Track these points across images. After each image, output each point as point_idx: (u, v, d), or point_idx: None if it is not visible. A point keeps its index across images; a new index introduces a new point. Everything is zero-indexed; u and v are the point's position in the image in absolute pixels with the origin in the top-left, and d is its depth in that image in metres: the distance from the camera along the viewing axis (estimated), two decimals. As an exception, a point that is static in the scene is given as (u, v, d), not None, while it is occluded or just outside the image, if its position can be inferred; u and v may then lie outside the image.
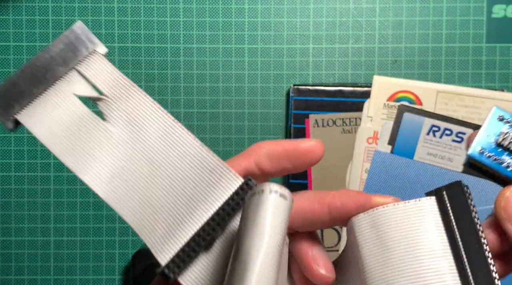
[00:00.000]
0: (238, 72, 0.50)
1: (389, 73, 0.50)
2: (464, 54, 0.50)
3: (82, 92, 0.22)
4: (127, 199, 0.21)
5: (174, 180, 0.22)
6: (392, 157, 0.47)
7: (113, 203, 0.22)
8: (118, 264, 0.51)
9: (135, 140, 0.22)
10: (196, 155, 0.22)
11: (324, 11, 0.51)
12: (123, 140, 0.22)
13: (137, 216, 0.21)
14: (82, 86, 0.22)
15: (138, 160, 0.22)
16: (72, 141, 0.22)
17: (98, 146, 0.22)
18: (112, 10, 0.50)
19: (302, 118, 0.48)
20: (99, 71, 0.23)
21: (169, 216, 0.21)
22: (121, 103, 0.22)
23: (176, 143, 0.22)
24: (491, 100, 0.47)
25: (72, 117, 0.22)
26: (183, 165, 0.22)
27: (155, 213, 0.21)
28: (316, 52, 0.50)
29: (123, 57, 0.50)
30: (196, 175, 0.21)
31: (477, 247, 0.20)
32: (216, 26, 0.50)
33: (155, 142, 0.22)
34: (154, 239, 0.21)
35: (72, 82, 0.22)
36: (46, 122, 0.22)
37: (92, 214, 0.50)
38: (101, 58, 0.23)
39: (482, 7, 0.50)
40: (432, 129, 0.46)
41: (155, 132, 0.22)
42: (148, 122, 0.22)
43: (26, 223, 0.50)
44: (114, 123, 0.22)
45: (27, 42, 0.50)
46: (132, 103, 0.22)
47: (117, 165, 0.22)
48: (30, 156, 0.50)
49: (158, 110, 0.22)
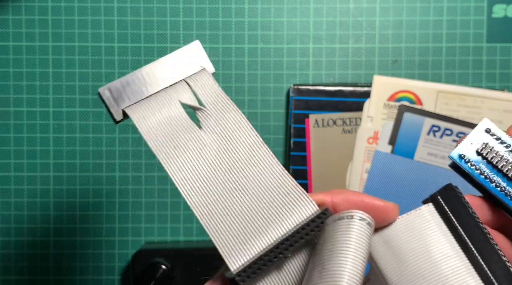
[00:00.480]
0: (238, 72, 0.50)
1: (389, 73, 0.50)
2: (465, 54, 0.50)
3: (186, 100, 0.25)
4: (205, 202, 0.23)
5: (254, 194, 0.23)
6: (392, 157, 0.47)
7: (192, 203, 0.23)
8: (117, 264, 0.50)
9: (224, 151, 0.24)
10: (277, 176, 0.23)
11: (324, 10, 0.50)
12: (213, 149, 0.24)
13: (213, 220, 0.23)
14: (187, 95, 0.25)
15: (223, 170, 0.23)
16: (168, 140, 0.24)
17: (190, 149, 0.24)
18: (111, 9, 0.50)
19: (302, 118, 0.48)
20: (204, 85, 0.25)
21: (244, 227, 0.23)
22: (218, 116, 0.24)
23: (260, 161, 0.24)
24: (491, 100, 0.47)
25: (173, 119, 0.24)
26: (264, 182, 0.23)
27: (231, 221, 0.23)
28: (316, 52, 0.50)
29: (123, 57, 0.50)
30: (274, 193, 0.23)
31: (482, 238, 0.21)
32: (216, 26, 0.50)
33: (241, 156, 0.24)
34: (226, 245, 0.22)
35: (179, 90, 0.25)
36: (149, 119, 0.24)
37: (91, 214, 0.50)
38: (207, 75, 0.25)
39: (482, 7, 0.50)
40: (433, 129, 0.46)
41: (243, 147, 0.24)
42: (238, 137, 0.24)
43: (25, 224, 0.50)
44: (207, 132, 0.24)
45: (26, 42, 0.50)
46: (227, 117, 0.24)
47: (203, 169, 0.23)
48: (30, 156, 0.50)
49: (249, 128, 0.24)
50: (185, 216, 0.50)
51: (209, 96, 0.25)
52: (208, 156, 0.24)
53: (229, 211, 0.23)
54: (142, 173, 0.50)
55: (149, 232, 0.50)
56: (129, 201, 0.50)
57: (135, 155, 0.50)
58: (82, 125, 0.50)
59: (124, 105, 0.25)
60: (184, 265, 0.46)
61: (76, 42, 0.50)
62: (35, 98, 0.50)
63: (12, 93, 0.50)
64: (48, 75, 0.50)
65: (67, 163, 0.50)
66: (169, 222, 0.50)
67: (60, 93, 0.50)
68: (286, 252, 0.22)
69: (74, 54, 0.50)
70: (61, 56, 0.50)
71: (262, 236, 0.22)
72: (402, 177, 0.46)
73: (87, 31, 0.50)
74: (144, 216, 0.50)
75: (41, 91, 0.50)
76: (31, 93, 0.50)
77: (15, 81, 0.50)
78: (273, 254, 0.22)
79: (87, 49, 0.50)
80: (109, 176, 0.50)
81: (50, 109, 0.50)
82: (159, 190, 0.50)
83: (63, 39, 0.50)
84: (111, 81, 0.24)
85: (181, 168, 0.23)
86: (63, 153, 0.50)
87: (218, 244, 0.22)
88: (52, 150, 0.50)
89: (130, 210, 0.50)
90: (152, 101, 0.25)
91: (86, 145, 0.50)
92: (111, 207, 0.50)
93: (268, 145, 0.50)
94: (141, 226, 0.50)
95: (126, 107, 0.25)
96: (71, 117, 0.50)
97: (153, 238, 0.50)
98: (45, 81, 0.50)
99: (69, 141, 0.50)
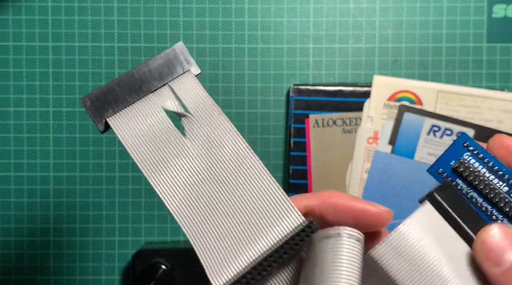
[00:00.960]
0: (238, 72, 0.50)
1: (390, 73, 0.50)
2: (465, 54, 0.50)
3: (170, 107, 0.24)
4: (190, 213, 0.22)
5: (240, 205, 0.22)
6: (392, 157, 0.47)
7: (175, 214, 0.22)
8: (117, 264, 0.50)
9: (209, 159, 0.23)
10: (264, 185, 0.22)
11: (324, 11, 0.50)
12: (198, 157, 0.23)
13: (198, 232, 0.22)
14: (171, 101, 0.24)
15: (208, 179, 0.23)
16: (151, 149, 0.23)
17: (174, 158, 0.23)
18: (111, 9, 0.50)
19: (302, 118, 0.48)
20: (189, 90, 0.24)
21: (228, 242, 0.22)
22: (203, 122, 0.23)
23: (247, 169, 0.23)
24: (491, 100, 0.47)
25: (157, 128, 0.23)
26: (250, 192, 0.22)
27: (216, 235, 0.22)
28: (316, 52, 0.50)
29: (123, 57, 0.50)
30: (259, 204, 0.22)
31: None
32: (216, 26, 0.50)
33: (227, 164, 0.23)
34: (210, 260, 0.22)
35: (163, 96, 0.24)
36: (132, 128, 0.23)
37: (91, 214, 0.50)
38: (192, 78, 0.24)
39: (482, 7, 0.50)
40: (433, 129, 0.46)
41: (229, 155, 0.23)
42: (224, 144, 0.23)
43: (25, 224, 0.50)
44: (192, 140, 0.23)
45: (26, 42, 0.50)
46: (213, 124, 0.23)
47: (187, 179, 0.23)
48: (30, 156, 0.50)
49: (235, 135, 0.23)
50: (185, 216, 0.50)
51: (194, 101, 0.24)
52: (192, 164, 0.23)
53: (214, 225, 0.22)
54: (142, 172, 0.50)
55: (149, 232, 0.50)
56: (129, 201, 0.50)
57: (135, 155, 0.50)
58: (82, 125, 0.50)
59: (107, 115, 0.24)
60: (184, 265, 0.46)
61: (76, 42, 0.50)
62: (35, 98, 0.50)
63: (12, 93, 0.50)
64: (48, 75, 0.50)
65: (67, 163, 0.50)
66: (169, 222, 0.50)
67: (60, 93, 0.50)
68: (270, 269, 0.21)
69: (74, 54, 0.50)
70: (61, 56, 0.50)
71: (245, 250, 0.22)
72: (402, 177, 0.46)
73: (87, 31, 0.50)
74: (144, 216, 0.50)
75: (41, 91, 0.50)
76: (31, 93, 0.50)
77: (15, 81, 0.50)
78: (257, 271, 0.21)
79: (87, 49, 0.50)
80: (109, 176, 0.50)
81: (50, 109, 0.50)
82: (159, 190, 0.50)
83: (63, 39, 0.50)
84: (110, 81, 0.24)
85: (166, 183, 0.23)
86: (63, 153, 0.50)
87: (203, 260, 0.22)
88: (52, 150, 0.50)
89: (130, 210, 0.50)
90: (135, 110, 0.24)
91: (86, 145, 0.50)
92: (111, 207, 0.50)
93: (268, 145, 0.50)
94: (141, 226, 0.50)
95: (109, 118, 0.24)
96: (71, 117, 0.50)
97: (153, 238, 0.50)
98: (45, 81, 0.50)
99: (69, 141, 0.50)
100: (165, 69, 0.24)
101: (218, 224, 0.22)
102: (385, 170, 0.47)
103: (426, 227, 0.22)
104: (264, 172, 0.23)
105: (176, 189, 0.23)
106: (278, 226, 0.22)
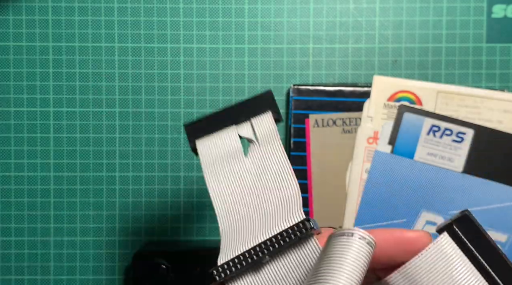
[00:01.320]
0: (238, 72, 0.50)
1: (389, 73, 0.50)
2: (464, 54, 0.50)
3: (245, 134, 0.30)
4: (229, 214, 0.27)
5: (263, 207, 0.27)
6: (392, 157, 0.47)
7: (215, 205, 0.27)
8: (118, 264, 0.51)
9: (256, 173, 0.28)
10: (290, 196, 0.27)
11: (324, 11, 0.51)
12: (249, 170, 0.28)
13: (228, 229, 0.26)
14: (247, 130, 0.30)
15: (249, 187, 0.28)
16: (217, 161, 0.29)
17: (231, 169, 0.28)
18: (112, 10, 0.50)
19: (302, 118, 0.48)
20: (262, 123, 0.30)
21: (243, 233, 0.26)
22: (262, 146, 0.29)
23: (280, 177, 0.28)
24: (491, 100, 0.47)
25: (227, 148, 0.29)
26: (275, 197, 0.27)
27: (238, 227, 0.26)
28: (316, 52, 0.50)
29: (123, 57, 0.50)
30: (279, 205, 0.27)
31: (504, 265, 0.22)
32: (216, 26, 0.50)
33: (267, 179, 0.28)
34: (225, 246, 0.26)
35: (242, 126, 0.30)
36: (209, 147, 0.30)
37: (92, 214, 0.50)
38: (269, 117, 0.30)
39: (482, 7, 0.50)
40: (432, 129, 0.46)
41: (273, 172, 0.28)
42: (271, 164, 0.28)
43: (26, 223, 0.50)
44: (250, 158, 0.29)
45: (27, 42, 0.50)
46: (269, 148, 0.29)
47: (234, 184, 0.28)
48: (30, 156, 0.50)
49: (283, 158, 0.28)
50: (185, 216, 0.50)
51: (264, 132, 0.29)
52: (245, 178, 0.28)
53: (240, 219, 0.26)
54: (143, 173, 0.50)
55: (150, 232, 0.50)
56: (129, 201, 0.50)
57: (136, 155, 0.50)
58: (83, 125, 0.50)
59: (198, 137, 0.30)
60: (184, 265, 0.46)
61: (77, 42, 0.50)
62: (35, 98, 0.50)
63: (13, 93, 0.50)
64: (49, 75, 0.50)
65: (67, 163, 0.50)
66: (170, 222, 0.51)
67: (60, 93, 0.50)
68: (262, 255, 0.24)
69: (74, 54, 0.50)
70: (61, 56, 0.50)
71: (251, 240, 0.25)
72: (402, 177, 0.46)
73: (87, 31, 0.50)
74: (144, 216, 0.50)
75: (42, 91, 0.50)
76: (32, 93, 0.50)
77: (16, 81, 0.50)
78: (249, 255, 0.24)
79: (87, 49, 0.50)
80: (109, 176, 0.50)
81: (50, 109, 0.50)
82: (160, 190, 0.50)
83: (63, 39, 0.50)
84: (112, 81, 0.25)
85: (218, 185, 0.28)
86: (64, 153, 0.50)
87: (222, 245, 0.26)
88: (52, 150, 0.50)
89: (130, 210, 0.50)
90: (218, 135, 0.30)
91: (86, 145, 0.50)
92: (112, 207, 0.50)
93: (268, 145, 0.50)
94: (141, 226, 0.50)
95: (198, 139, 0.30)
96: (72, 117, 0.50)
97: (154, 238, 0.50)
98: (45, 81, 0.50)
99: (70, 141, 0.50)
100: (253, 110, 0.30)
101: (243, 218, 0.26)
102: (385, 170, 0.47)
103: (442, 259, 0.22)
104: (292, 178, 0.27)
105: (223, 188, 0.28)
106: (283, 222, 0.25)
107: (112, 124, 0.50)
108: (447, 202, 0.46)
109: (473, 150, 0.46)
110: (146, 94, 0.50)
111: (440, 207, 0.46)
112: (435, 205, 0.46)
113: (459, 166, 0.46)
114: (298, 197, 0.26)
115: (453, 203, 0.46)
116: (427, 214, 0.46)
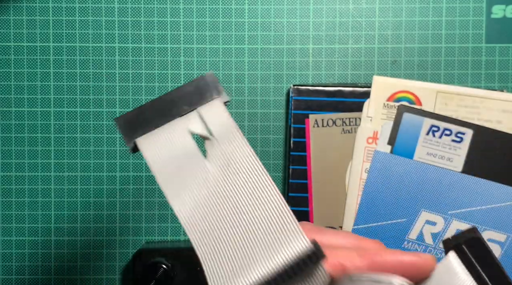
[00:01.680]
0: (238, 72, 0.51)
1: (389, 73, 0.50)
2: (464, 54, 0.50)
3: (196, 130, 0.25)
4: (203, 231, 0.23)
5: (250, 226, 0.23)
6: (392, 157, 0.47)
7: (189, 231, 0.23)
8: (118, 263, 0.51)
9: (226, 181, 0.24)
10: (276, 208, 0.23)
11: (324, 11, 0.51)
12: (216, 178, 0.24)
13: (207, 248, 0.23)
14: (198, 125, 0.25)
15: (224, 200, 0.23)
16: (173, 170, 0.24)
17: (193, 179, 0.24)
18: (112, 10, 0.50)
19: (302, 118, 0.48)
20: (214, 115, 0.25)
21: (235, 259, 0.22)
22: (223, 145, 0.24)
23: (261, 192, 0.23)
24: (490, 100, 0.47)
25: (181, 150, 0.24)
26: (262, 214, 0.23)
27: (224, 255, 0.23)
28: (316, 52, 0.51)
29: (123, 57, 0.50)
30: (270, 227, 0.23)
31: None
32: (216, 27, 0.50)
33: (243, 187, 0.24)
34: (215, 275, 0.22)
35: (190, 120, 0.25)
36: (158, 150, 0.24)
37: (92, 214, 0.50)
38: (219, 104, 0.26)
39: (481, 7, 0.50)
40: (432, 129, 0.46)
41: (245, 178, 0.24)
42: (241, 167, 0.24)
43: (26, 223, 0.50)
44: (212, 162, 0.24)
45: (27, 43, 0.50)
46: (232, 147, 0.24)
47: (205, 199, 0.24)
48: (31, 156, 0.50)
49: (253, 158, 0.24)
50: (186, 216, 0.51)
51: (218, 125, 0.25)
52: (210, 185, 0.24)
53: (224, 245, 0.23)
54: (143, 172, 0.50)
55: (150, 231, 0.51)
56: (130, 200, 0.50)
57: (136, 155, 0.50)
58: (83, 125, 0.50)
59: (137, 136, 0.25)
60: (184, 265, 0.47)
61: (77, 42, 0.50)
62: (36, 98, 0.50)
63: (13, 93, 0.50)
64: (49, 76, 0.50)
65: (68, 163, 0.50)
66: (170, 222, 0.51)
67: (61, 94, 0.50)
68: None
69: (75, 55, 0.50)
70: (62, 56, 0.50)
71: (252, 271, 0.22)
72: (402, 177, 0.46)
73: (88, 32, 0.50)
74: (145, 215, 0.51)
75: (42, 92, 0.50)
76: (32, 94, 0.50)
77: (16, 82, 0.50)
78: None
79: (88, 49, 0.50)
80: (110, 175, 0.50)
81: (51, 109, 0.50)
82: (160, 190, 0.50)
83: (64, 39, 0.50)
84: (112, 81, 0.24)
85: (182, 197, 0.24)
86: (64, 153, 0.50)
87: (208, 273, 0.22)
88: (53, 150, 0.50)
89: (130, 210, 0.50)
90: (163, 132, 0.25)
91: (87, 145, 0.50)
92: (112, 206, 0.50)
93: (268, 145, 0.50)
94: (142, 226, 0.51)
95: (138, 138, 0.25)
96: (72, 117, 0.50)
97: (154, 238, 0.51)
98: (46, 82, 0.50)
99: (70, 141, 0.50)
100: (196, 95, 0.26)
101: (227, 245, 0.23)
102: (384, 170, 0.47)
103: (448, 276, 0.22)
104: (277, 195, 0.23)
105: (192, 207, 0.23)
106: (283, 248, 0.22)
107: (112, 124, 0.50)
108: (446, 201, 0.46)
109: (472, 150, 0.46)
110: (146, 94, 0.50)
111: (440, 207, 0.46)
112: (434, 205, 0.46)
113: (458, 166, 0.46)
114: (288, 211, 0.23)
115: (453, 203, 0.46)
116: (427, 213, 0.46)
